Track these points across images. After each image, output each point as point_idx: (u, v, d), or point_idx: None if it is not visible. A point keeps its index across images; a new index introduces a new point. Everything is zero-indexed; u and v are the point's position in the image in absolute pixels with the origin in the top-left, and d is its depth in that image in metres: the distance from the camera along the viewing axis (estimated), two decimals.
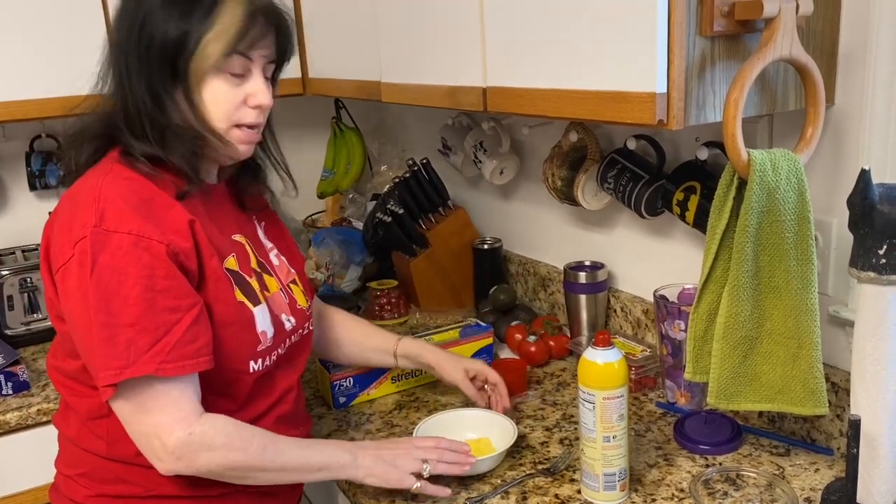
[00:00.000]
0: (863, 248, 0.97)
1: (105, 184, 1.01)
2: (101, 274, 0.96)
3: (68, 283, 0.99)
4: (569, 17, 1.08)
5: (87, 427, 1.11)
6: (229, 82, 1.05)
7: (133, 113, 1.04)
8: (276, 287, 1.17)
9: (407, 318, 1.90)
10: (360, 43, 1.64)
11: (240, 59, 1.04)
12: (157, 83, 1.02)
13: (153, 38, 1.01)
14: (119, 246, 0.97)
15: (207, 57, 1.01)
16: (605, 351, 1.09)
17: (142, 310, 0.96)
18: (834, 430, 1.22)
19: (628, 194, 1.43)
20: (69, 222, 1.01)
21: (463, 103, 1.34)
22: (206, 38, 1.01)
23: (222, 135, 1.07)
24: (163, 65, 1.02)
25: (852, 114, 1.13)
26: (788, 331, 1.12)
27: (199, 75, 1.03)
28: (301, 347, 1.23)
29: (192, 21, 1.01)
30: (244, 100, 1.07)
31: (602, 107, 1.05)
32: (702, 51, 0.99)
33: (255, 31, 1.04)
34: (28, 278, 1.87)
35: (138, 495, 1.10)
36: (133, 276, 0.96)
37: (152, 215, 1.00)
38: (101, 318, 0.96)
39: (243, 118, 1.07)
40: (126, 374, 0.96)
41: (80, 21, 1.77)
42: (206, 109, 1.05)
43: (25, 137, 2.07)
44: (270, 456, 1.06)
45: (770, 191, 1.05)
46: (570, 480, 1.20)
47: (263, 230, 1.25)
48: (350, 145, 2.33)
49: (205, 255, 1.04)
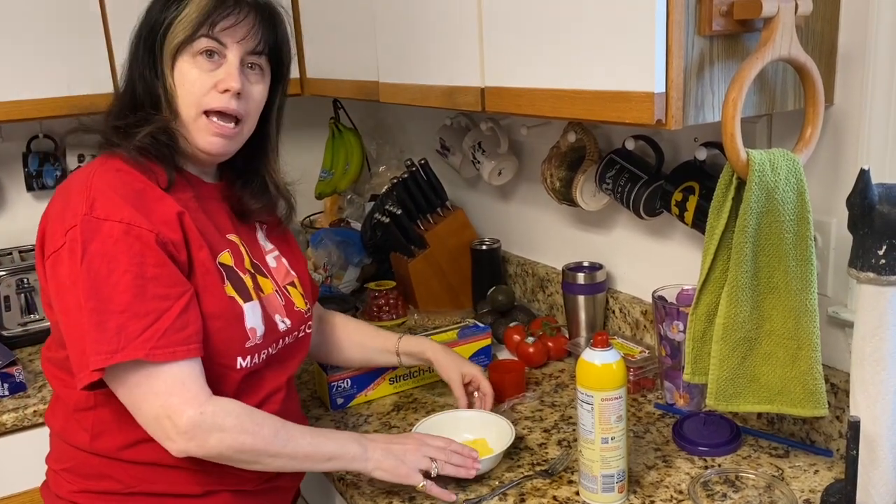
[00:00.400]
0: (862, 248, 0.96)
1: (97, 174, 1.03)
2: (91, 261, 0.97)
3: (58, 269, 1.00)
4: (567, 16, 1.08)
5: (73, 419, 1.11)
6: (199, 67, 1.07)
7: (125, 101, 1.09)
8: (270, 288, 1.17)
9: (405, 319, 1.89)
10: (357, 43, 1.63)
11: (207, 41, 1.07)
12: (143, 68, 1.08)
13: (142, 28, 1.09)
14: (110, 234, 0.98)
15: (175, 36, 1.06)
16: (603, 352, 1.09)
17: (132, 296, 0.97)
18: (833, 431, 1.21)
19: (627, 195, 1.43)
20: (61, 212, 1.02)
21: (461, 103, 1.34)
22: (180, 17, 1.06)
23: (190, 121, 1.08)
24: (146, 51, 1.09)
25: (851, 114, 1.13)
26: (788, 332, 1.11)
27: (169, 56, 1.07)
28: (295, 349, 1.23)
29: (171, 8, 1.07)
30: (214, 84, 1.08)
31: (600, 107, 1.05)
32: (700, 50, 0.99)
33: (223, 13, 1.07)
34: (25, 279, 1.86)
35: (119, 492, 1.10)
36: (124, 264, 0.97)
37: (142, 205, 1.02)
38: (91, 305, 0.96)
39: (210, 102, 1.08)
40: (116, 358, 0.96)
41: (78, 21, 1.77)
42: (175, 94, 1.08)
43: (22, 138, 2.07)
44: (282, 441, 1.06)
45: (769, 191, 1.05)
46: (568, 482, 1.19)
47: (265, 232, 1.25)
48: (348, 146, 2.32)
49: (193, 246, 1.05)
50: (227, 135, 1.09)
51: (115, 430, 1.08)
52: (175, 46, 1.06)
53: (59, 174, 2.07)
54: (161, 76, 1.07)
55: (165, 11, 1.07)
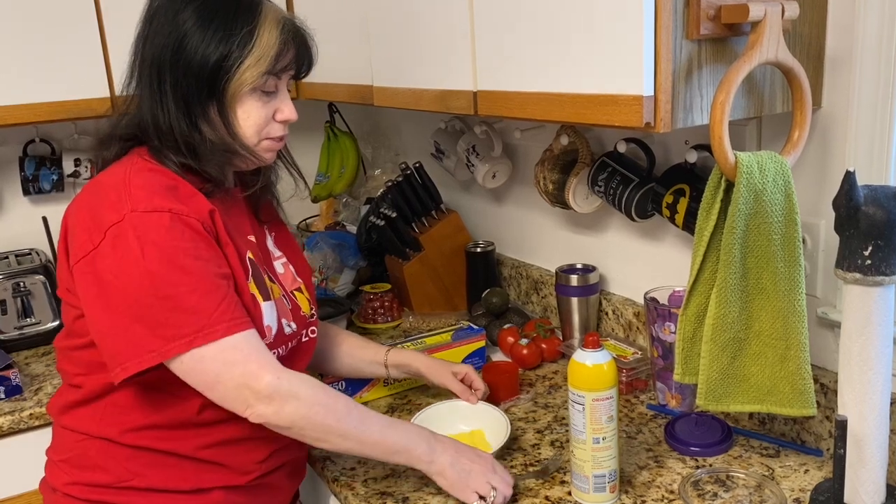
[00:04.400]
0: (848, 249, 0.98)
1: (132, 173, 1.06)
2: (151, 252, 0.99)
3: (99, 265, 1.01)
4: (557, 21, 1.09)
5: (87, 405, 1.13)
6: (261, 100, 1.10)
7: (165, 128, 1.08)
8: (278, 293, 1.20)
9: (400, 321, 1.90)
10: (352, 47, 1.64)
11: (273, 78, 1.10)
12: (193, 101, 1.07)
13: (192, 60, 1.05)
14: (160, 224, 1.01)
15: (246, 80, 1.07)
16: (594, 353, 1.10)
17: (199, 277, 1.01)
18: (823, 431, 1.22)
19: (619, 197, 1.44)
20: (94, 210, 1.04)
21: (454, 107, 1.35)
22: (246, 62, 1.06)
23: (252, 148, 1.12)
24: (200, 85, 1.06)
25: (838, 116, 1.14)
26: (776, 332, 1.12)
27: (235, 96, 1.08)
28: (301, 352, 1.25)
29: (232, 45, 1.05)
30: (273, 115, 1.12)
31: (590, 110, 1.06)
32: (688, 54, 1.00)
33: (289, 54, 1.10)
34: (21, 283, 1.87)
35: (112, 485, 1.12)
36: (182, 249, 1.01)
37: (178, 199, 1.05)
38: (163, 292, 0.99)
39: (272, 132, 1.13)
40: (201, 338, 1.00)
41: (75, 26, 1.78)
42: (238, 126, 1.10)
43: (19, 142, 2.08)
44: (354, 422, 1.09)
45: (757, 193, 1.06)
46: (560, 482, 1.20)
47: (274, 239, 1.28)
48: (344, 149, 2.33)
49: (222, 242, 1.08)
50: (278, 149, 1.18)
51: (125, 413, 1.10)
52: (248, 88, 1.07)
53: (55, 178, 2.08)
54: (221, 109, 1.08)
55: (224, 48, 1.05)
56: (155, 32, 1.07)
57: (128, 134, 1.12)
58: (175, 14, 1.06)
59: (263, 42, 1.06)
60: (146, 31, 1.09)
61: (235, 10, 1.06)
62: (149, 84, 1.08)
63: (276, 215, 1.31)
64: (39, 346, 1.90)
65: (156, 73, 1.07)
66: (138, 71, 1.10)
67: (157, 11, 1.08)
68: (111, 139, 1.13)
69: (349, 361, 1.44)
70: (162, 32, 1.06)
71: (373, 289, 1.92)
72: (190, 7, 1.06)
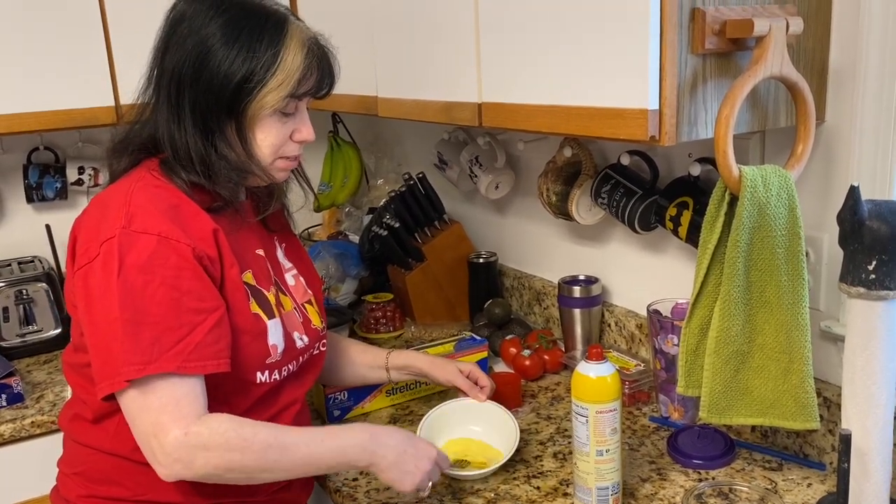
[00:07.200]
0: (852, 263, 0.98)
1: (136, 189, 1.04)
2: (127, 273, 0.98)
3: (90, 280, 1.00)
4: (563, 34, 1.09)
5: (95, 421, 1.12)
6: (280, 121, 1.08)
7: (181, 144, 1.06)
8: (290, 306, 1.19)
9: (402, 331, 1.90)
10: (356, 58, 1.65)
11: (294, 101, 1.08)
12: (211, 119, 1.05)
13: (214, 79, 1.03)
14: (146, 246, 0.99)
15: (267, 103, 1.05)
16: (597, 365, 1.10)
17: (167, 309, 0.98)
18: (826, 444, 1.22)
19: (622, 209, 1.44)
20: (97, 223, 1.03)
21: (458, 118, 1.35)
22: (269, 85, 1.04)
23: (266, 167, 1.10)
24: (220, 104, 1.04)
25: (842, 131, 1.14)
26: (780, 345, 1.12)
27: (255, 117, 1.06)
28: (311, 365, 1.24)
29: (256, 65, 1.02)
30: (290, 134, 1.10)
31: (595, 123, 1.06)
32: (693, 68, 1.01)
33: (312, 77, 1.08)
34: (24, 290, 1.87)
35: (127, 499, 1.11)
36: (160, 276, 0.98)
37: (179, 220, 1.03)
38: (126, 316, 0.97)
39: (288, 152, 1.11)
40: (148, 370, 0.96)
41: (79, 34, 1.78)
42: (256, 146, 1.08)
43: (23, 150, 2.08)
44: (274, 457, 1.03)
45: (761, 206, 1.06)
46: (563, 494, 1.20)
47: (284, 251, 1.26)
48: (347, 159, 2.34)
49: (226, 263, 1.06)
50: (293, 167, 1.15)
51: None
52: (263, 112, 1.05)
53: (59, 186, 2.09)
54: (239, 128, 1.06)
55: (247, 67, 1.02)
56: (176, 44, 1.04)
57: (141, 144, 1.10)
58: (200, 27, 1.03)
59: (288, 65, 1.04)
60: (167, 40, 1.06)
61: (262, 28, 1.03)
62: (167, 97, 1.06)
63: (285, 225, 1.29)
64: (41, 353, 1.90)
65: (175, 86, 1.04)
66: (156, 82, 1.07)
67: (180, 21, 1.05)
68: (125, 147, 1.11)
69: (351, 369, 1.43)
70: (184, 45, 1.03)
71: (375, 299, 1.92)
72: (216, 22, 1.02)
